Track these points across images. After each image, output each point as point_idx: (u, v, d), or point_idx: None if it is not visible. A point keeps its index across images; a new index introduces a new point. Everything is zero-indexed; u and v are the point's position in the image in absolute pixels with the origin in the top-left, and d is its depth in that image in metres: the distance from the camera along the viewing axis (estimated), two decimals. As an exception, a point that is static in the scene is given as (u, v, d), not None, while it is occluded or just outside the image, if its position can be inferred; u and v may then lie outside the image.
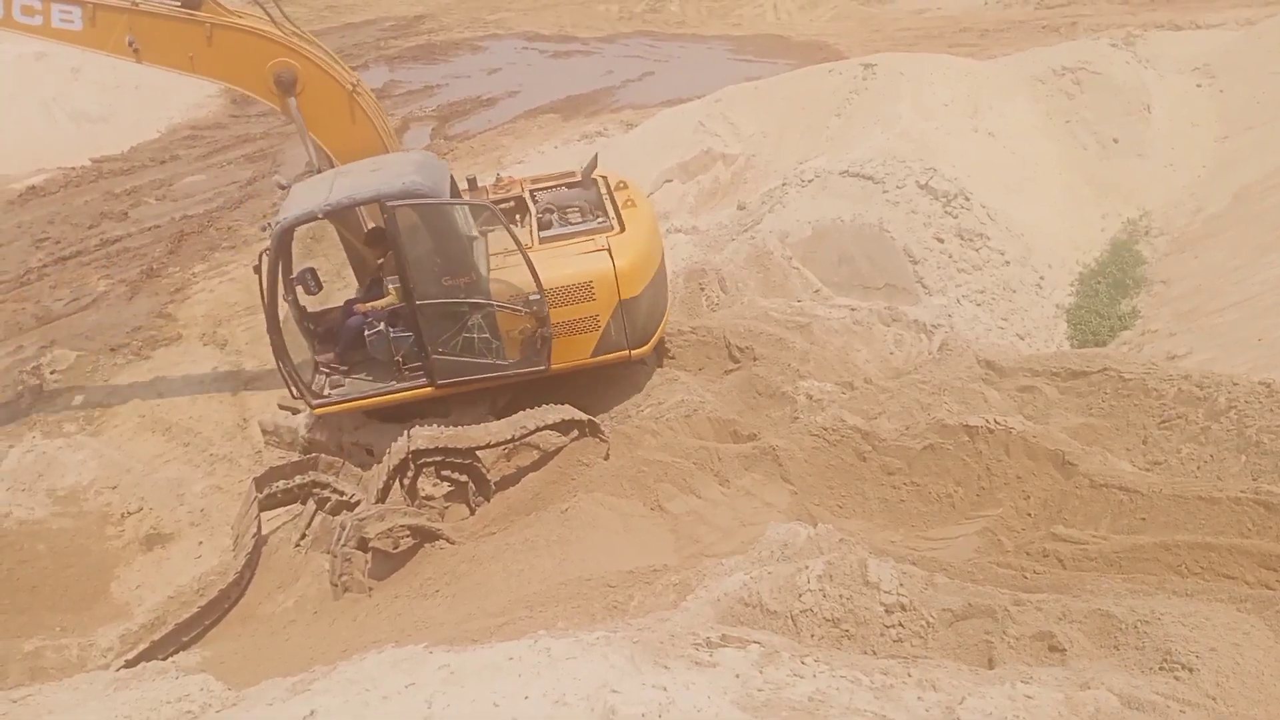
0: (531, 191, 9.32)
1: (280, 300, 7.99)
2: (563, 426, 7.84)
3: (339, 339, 8.57)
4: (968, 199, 10.48)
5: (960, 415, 6.95)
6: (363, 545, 7.12)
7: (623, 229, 8.43)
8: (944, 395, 7.60)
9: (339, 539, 7.13)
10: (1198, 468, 6.47)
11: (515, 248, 7.84)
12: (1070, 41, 16.17)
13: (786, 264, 10.79)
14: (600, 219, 8.61)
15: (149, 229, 15.15)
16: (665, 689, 3.74)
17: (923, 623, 4.86)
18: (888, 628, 4.88)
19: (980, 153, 11.66)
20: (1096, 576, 5.40)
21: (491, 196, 9.28)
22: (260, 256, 7.96)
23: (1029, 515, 6.17)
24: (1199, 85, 14.08)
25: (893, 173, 10.71)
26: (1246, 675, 4.12)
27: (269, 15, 9.10)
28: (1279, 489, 5.56)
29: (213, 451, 9.86)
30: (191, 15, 8.94)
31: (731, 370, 9.23)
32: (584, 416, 7.87)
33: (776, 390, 8.69)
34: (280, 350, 7.96)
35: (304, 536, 8.17)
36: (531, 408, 7.88)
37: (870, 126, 12.07)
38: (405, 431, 7.56)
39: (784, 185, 11.64)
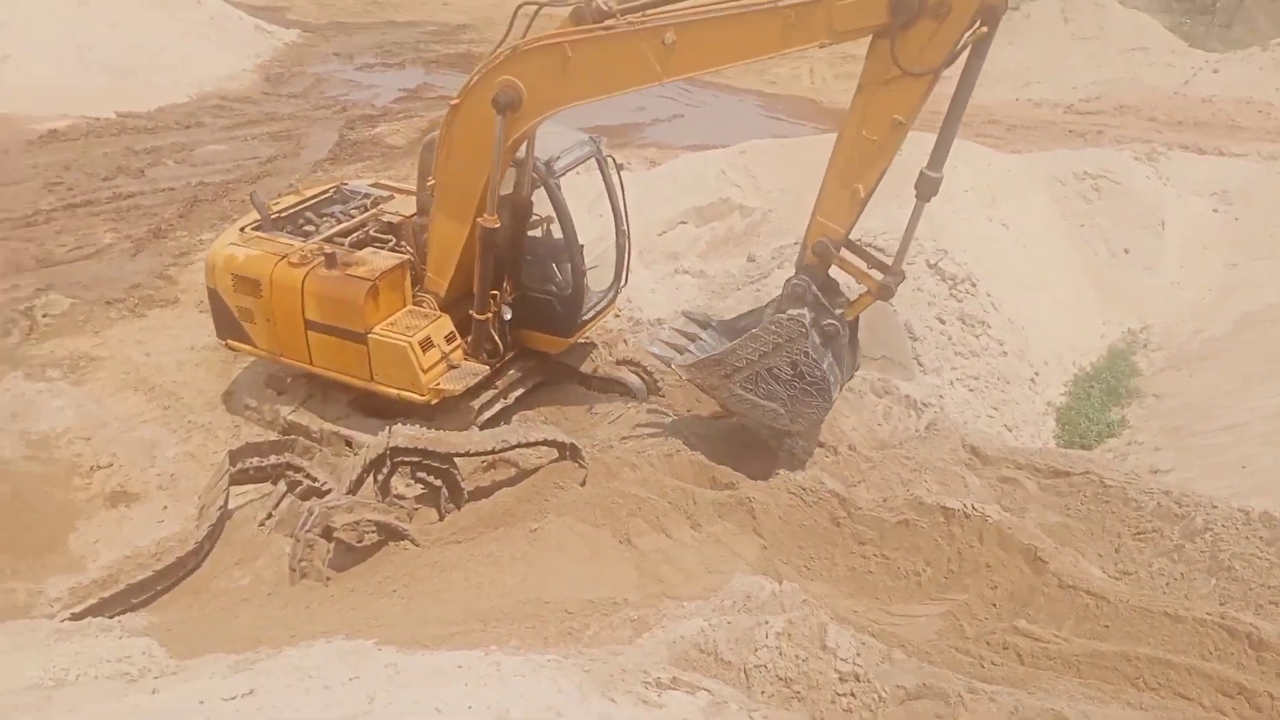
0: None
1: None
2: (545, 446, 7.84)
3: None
4: (974, 285, 10.56)
5: (939, 496, 6.97)
6: (327, 534, 7.07)
7: None
8: (925, 474, 7.62)
9: (304, 524, 7.08)
10: (1167, 584, 6.48)
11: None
12: (1095, 149, 16.38)
13: (788, 321, 10.82)
14: None
15: (163, 189, 15.12)
16: (611, 720, 3.71)
17: (875, 696, 4.84)
18: (839, 695, 4.85)
19: (993, 242, 11.77)
20: (1053, 677, 5.38)
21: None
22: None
23: (994, 605, 6.16)
24: (1215, 210, 14.26)
25: (904, 248, 10.79)
26: (1188, 797, 4.11)
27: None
28: (1246, 617, 5.58)
29: (192, 419, 9.78)
30: None
31: (719, 416, 9.23)
32: (567, 439, 7.86)
33: (761, 443, 8.70)
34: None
35: (269, 516, 8.10)
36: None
37: (888, 199, 12.13)
38: (387, 427, 7.54)
39: (797, 244, 11.69)
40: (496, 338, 8.98)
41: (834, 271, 7.94)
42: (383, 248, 9.03)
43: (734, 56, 7.46)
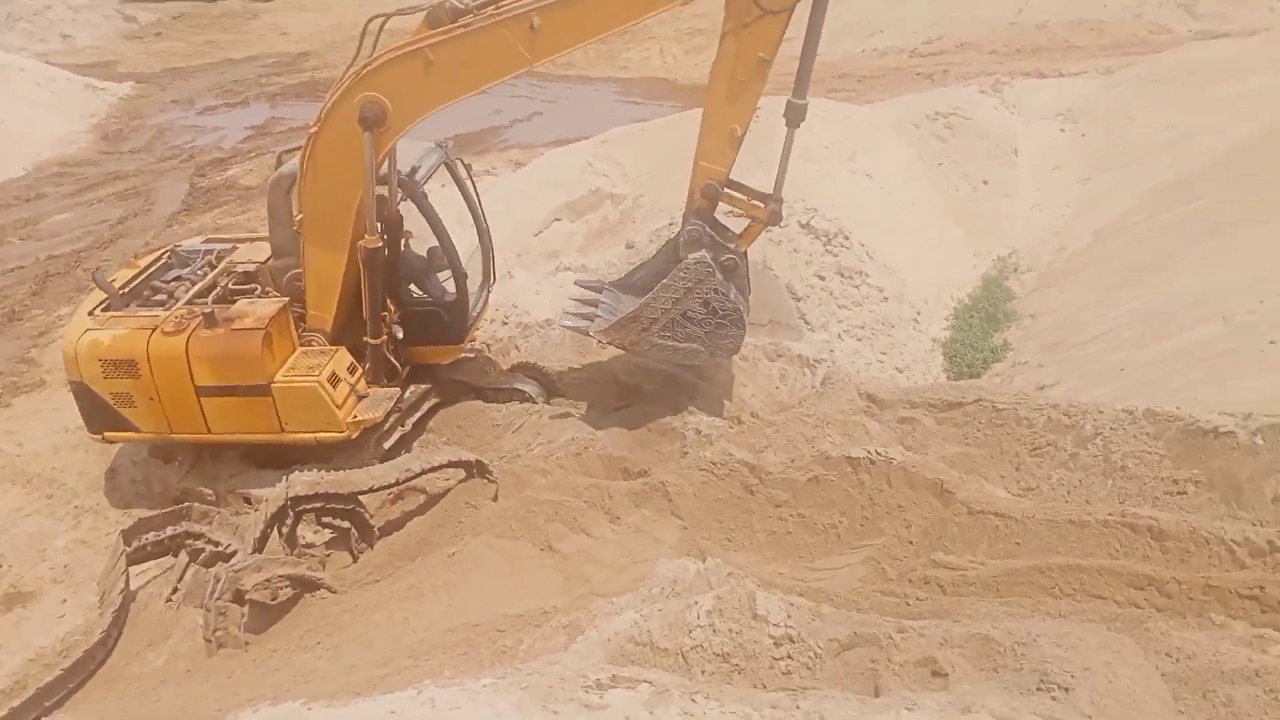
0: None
1: None
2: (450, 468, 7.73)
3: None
4: (847, 238, 10.78)
5: (843, 447, 7.09)
6: (238, 598, 6.82)
7: None
8: (828, 428, 7.74)
9: (213, 592, 6.81)
10: (1068, 492, 6.73)
11: None
12: (942, 88, 16.86)
13: (674, 302, 10.87)
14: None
15: (12, 269, 14.40)
16: (550, 734, 3.67)
17: (810, 654, 4.91)
18: (776, 660, 4.91)
19: (858, 193, 12.03)
20: (976, 601, 5.55)
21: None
22: None
23: (910, 543, 6.31)
24: (1062, 130, 14.84)
25: (775, 212, 10.94)
26: (1120, 693, 4.27)
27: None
28: (1144, 511, 5.84)
29: (77, 504, 9.34)
30: None
31: (621, 407, 9.23)
32: (472, 457, 7.75)
33: (665, 426, 8.72)
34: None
35: (175, 590, 7.75)
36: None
37: (752, 167, 12.29)
38: (284, 477, 7.32)
39: (671, 224, 11.76)
40: (393, 359, 8.83)
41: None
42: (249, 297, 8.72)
43: (601, 28, 7.58)
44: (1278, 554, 5.10)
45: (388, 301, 8.65)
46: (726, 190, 8.25)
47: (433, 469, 7.64)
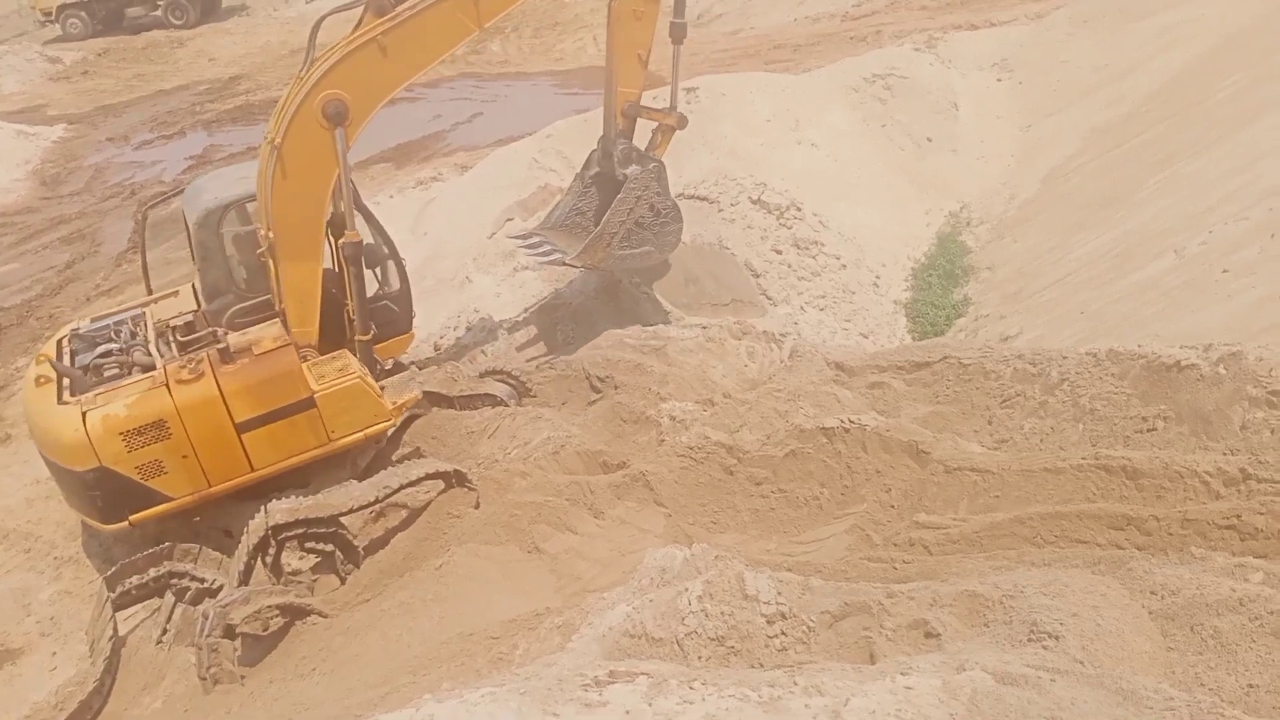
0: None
1: None
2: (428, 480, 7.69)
3: None
4: (799, 209, 10.84)
5: (816, 418, 7.13)
6: (229, 632, 6.78)
7: None
8: (800, 401, 7.78)
9: (203, 629, 6.76)
10: (1041, 441, 6.79)
11: None
12: (877, 50, 16.94)
13: (635, 290, 10.90)
14: None
15: (-39, 327, 14.16)
16: (553, 740, 3.67)
17: (804, 628, 4.94)
18: (771, 638, 4.93)
19: (806, 163, 12.08)
20: (961, 558, 5.60)
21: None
22: None
23: (892, 507, 6.37)
24: (999, 79, 14.98)
25: (725, 191, 10.99)
26: (1109, 635, 4.33)
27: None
28: (1116, 452, 5.91)
29: (57, 554, 9.22)
30: None
31: (594, 401, 9.24)
32: (449, 467, 7.72)
33: (640, 415, 8.72)
34: None
35: (165, 632, 7.70)
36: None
37: (698, 149, 12.34)
38: (262, 507, 7.26)
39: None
40: (376, 356, 8.92)
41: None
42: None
43: None
44: (1250, 481, 5.17)
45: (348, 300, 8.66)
46: (642, 106, 9.80)
47: (411, 483, 7.60)
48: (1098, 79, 13.75)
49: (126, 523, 7.92)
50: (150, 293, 9.62)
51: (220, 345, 7.96)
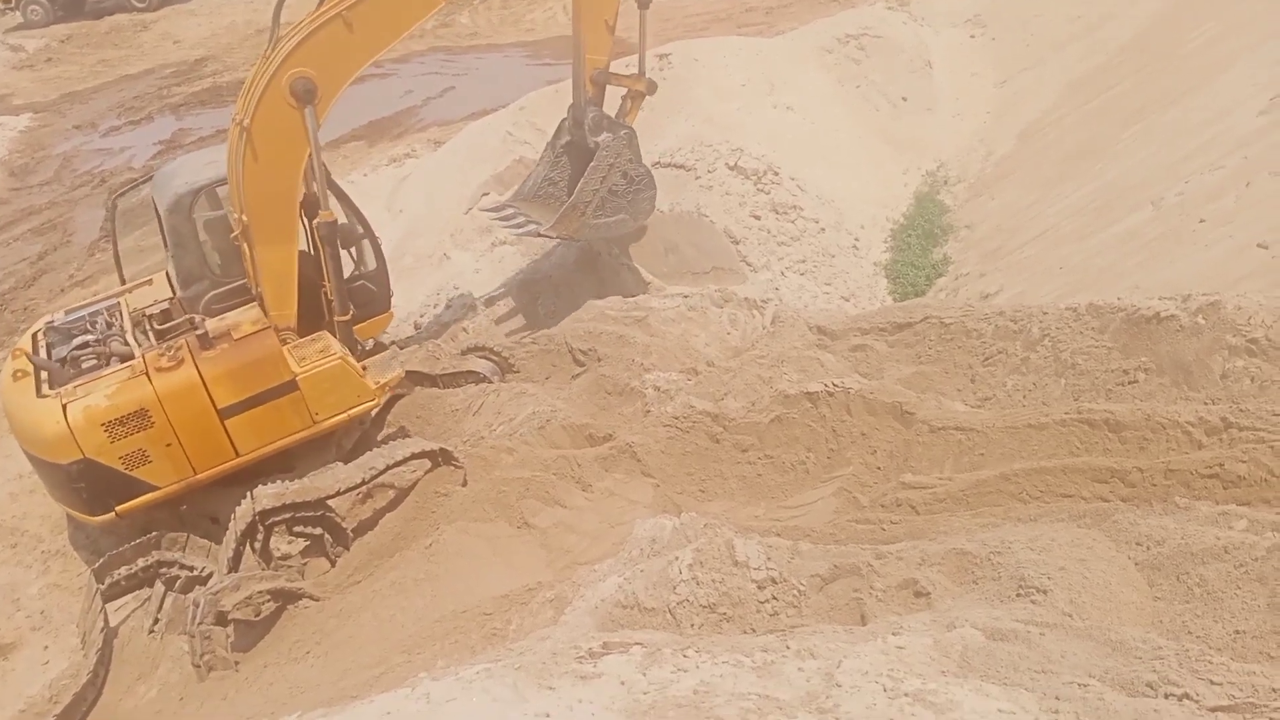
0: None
1: None
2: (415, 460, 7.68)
3: None
4: (777, 174, 10.79)
5: (800, 383, 7.13)
6: (221, 619, 6.77)
7: None
8: (783, 366, 7.79)
9: (195, 617, 6.76)
10: (1023, 397, 6.82)
11: None
12: (850, 9, 16.84)
13: (615, 261, 10.85)
14: None
15: (-66, 323, 13.99)
16: (548, 716, 3.69)
17: (795, 592, 4.97)
18: (762, 604, 4.96)
19: (782, 127, 12.02)
20: (948, 517, 5.64)
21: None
22: None
23: (878, 469, 6.39)
24: (972, 36, 14.91)
25: (702, 158, 10.93)
26: (1096, 588, 4.38)
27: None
28: (1099, 405, 5.94)
29: (44, 548, 9.17)
30: None
31: (578, 374, 9.21)
32: (435, 446, 7.70)
33: (624, 387, 8.71)
34: None
35: (157, 621, 7.68)
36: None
37: (673, 115, 12.26)
38: (248, 493, 7.23)
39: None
40: (356, 337, 8.87)
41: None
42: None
43: None
44: (1232, 430, 5.21)
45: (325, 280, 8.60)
46: (610, 73, 9.68)
47: (398, 463, 7.58)
48: (1071, 31, 13.71)
49: (113, 514, 7.86)
50: (124, 282, 9.50)
51: (199, 331, 7.87)
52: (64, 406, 7.55)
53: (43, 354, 8.38)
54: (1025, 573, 4.38)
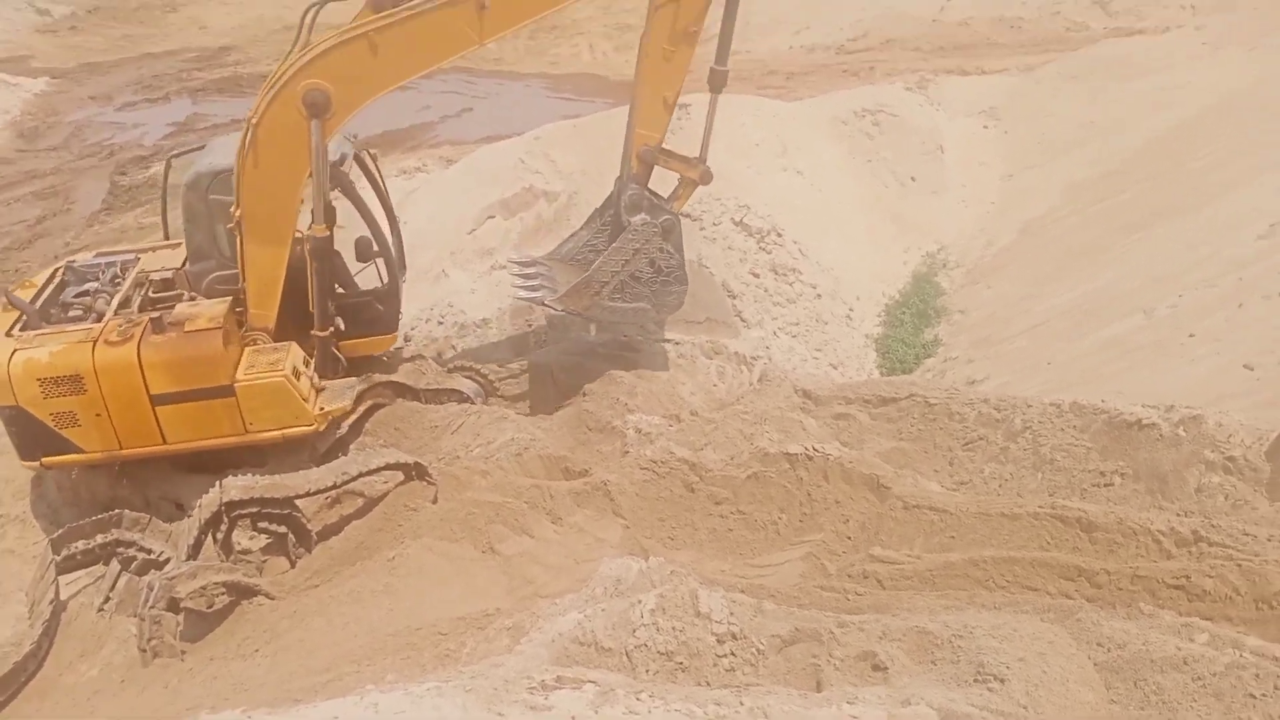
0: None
1: None
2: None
3: None
4: (780, 235, 10.91)
5: (781, 443, 7.17)
6: (173, 606, 6.68)
7: None
8: (765, 424, 7.84)
9: (147, 600, 6.67)
10: (999, 486, 6.90)
11: None
12: (869, 85, 17.13)
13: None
14: None
15: (-75, 275, 13.89)
16: (500, 739, 3.67)
17: (753, 650, 4.97)
18: (720, 657, 4.96)
19: (790, 191, 12.18)
20: (913, 594, 5.66)
21: None
22: None
23: (849, 538, 6.41)
24: (986, 126, 15.19)
25: (709, 210, 11.04)
26: (1053, 683, 4.40)
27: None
28: (1073, 503, 6.00)
29: (2, 512, 9.03)
30: None
31: (561, 406, 9.23)
32: (410, 459, 7.67)
33: (606, 424, 8.73)
34: None
35: (108, 600, 7.57)
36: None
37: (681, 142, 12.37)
38: (217, 482, 7.17)
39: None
40: (337, 353, 8.77)
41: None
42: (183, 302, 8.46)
43: (549, 4, 7.90)
44: (1202, 544, 5.27)
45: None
46: (661, 153, 8.80)
47: (371, 471, 7.55)
48: (1082, 135, 13.99)
49: (39, 463, 8.06)
50: (167, 238, 9.58)
51: (155, 315, 7.88)
52: (12, 352, 7.71)
53: (56, 291, 8.59)
54: (985, 659, 4.40)
